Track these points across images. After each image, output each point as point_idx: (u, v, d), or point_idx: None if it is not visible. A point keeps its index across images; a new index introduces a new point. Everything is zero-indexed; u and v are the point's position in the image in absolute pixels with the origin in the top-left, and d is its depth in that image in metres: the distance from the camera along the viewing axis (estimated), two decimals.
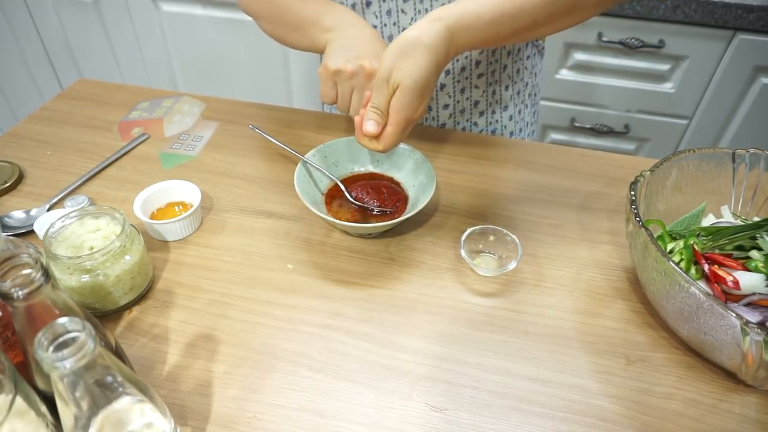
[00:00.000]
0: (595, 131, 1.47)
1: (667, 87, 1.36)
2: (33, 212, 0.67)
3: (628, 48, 1.30)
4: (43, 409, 0.37)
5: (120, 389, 0.35)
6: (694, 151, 0.61)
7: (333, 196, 0.68)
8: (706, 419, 0.49)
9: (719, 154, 0.61)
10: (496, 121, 0.86)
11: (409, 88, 0.56)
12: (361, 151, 0.72)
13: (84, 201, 0.67)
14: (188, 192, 0.67)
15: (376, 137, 0.59)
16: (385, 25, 0.76)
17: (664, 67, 1.33)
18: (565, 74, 1.40)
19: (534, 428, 0.48)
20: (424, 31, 0.57)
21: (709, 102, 1.35)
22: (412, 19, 0.75)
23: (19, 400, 0.34)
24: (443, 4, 0.71)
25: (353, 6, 0.76)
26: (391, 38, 0.77)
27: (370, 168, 0.72)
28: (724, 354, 0.48)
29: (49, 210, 0.67)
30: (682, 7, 1.20)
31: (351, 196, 0.67)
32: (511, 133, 0.88)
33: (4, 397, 0.33)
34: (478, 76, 0.80)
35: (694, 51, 1.28)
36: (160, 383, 0.50)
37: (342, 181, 0.68)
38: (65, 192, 0.70)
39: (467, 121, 0.85)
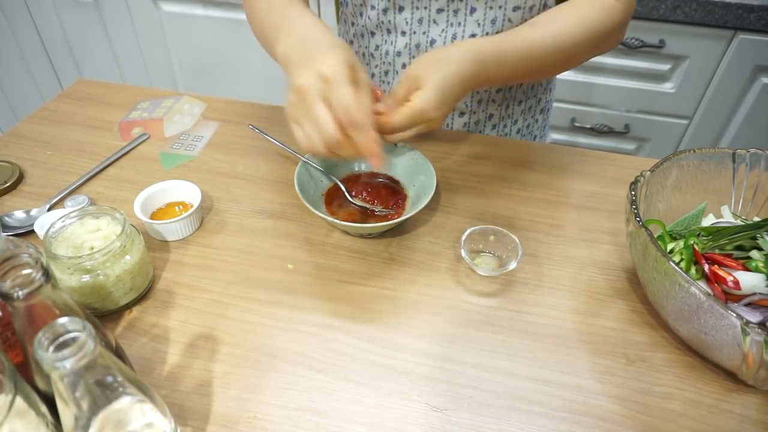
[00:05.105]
0: (596, 131, 1.47)
1: (667, 87, 1.36)
2: (33, 212, 0.67)
3: (628, 48, 1.30)
4: (43, 409, 0.37)
5: (120, 389, 0.35)
6: (694, 151, 0.61)
7: (333, 196, 0.68)
8: (706, 419, 0.49)
9: (719, 154, 0.61)
10: (506, 134, 0.88)
11: (435, 86, 0.57)
12: None
13: (84, 201, 0.67)
14: (188, 192, 0.67)
15: (380, 114, 0.58)
16: (414, 32, 0.76)
17: (664, 67, 1.33)
18: (565, 74, 1.40)
19: (534, 428, 0.48)
20: (457, 48, 0.60)
21: (709, 102, 1.35)
22: (443, 31, 0.74)
23: (19, 400, 0.34)
24: (477, 21, 0.72)
25: (384, 11, 0.75)
26: (418, 46, 0.77)
27: (370, 168, 0.72)
28: (725, 354, 0.48)
29: (49, 210, 0.67)
30: (682, 7, 1.20)
31: (351, 196, 0.67)
32: None
33: (4, 397, 0.33)
34: (497, 90, 0.81)
35: (695, 51, 1.28)
36: (160, 383, 0.50)
37: (342, 181, 0.68)
38: (65, 192, 0.70)
39: (479, 132, 0.86)
